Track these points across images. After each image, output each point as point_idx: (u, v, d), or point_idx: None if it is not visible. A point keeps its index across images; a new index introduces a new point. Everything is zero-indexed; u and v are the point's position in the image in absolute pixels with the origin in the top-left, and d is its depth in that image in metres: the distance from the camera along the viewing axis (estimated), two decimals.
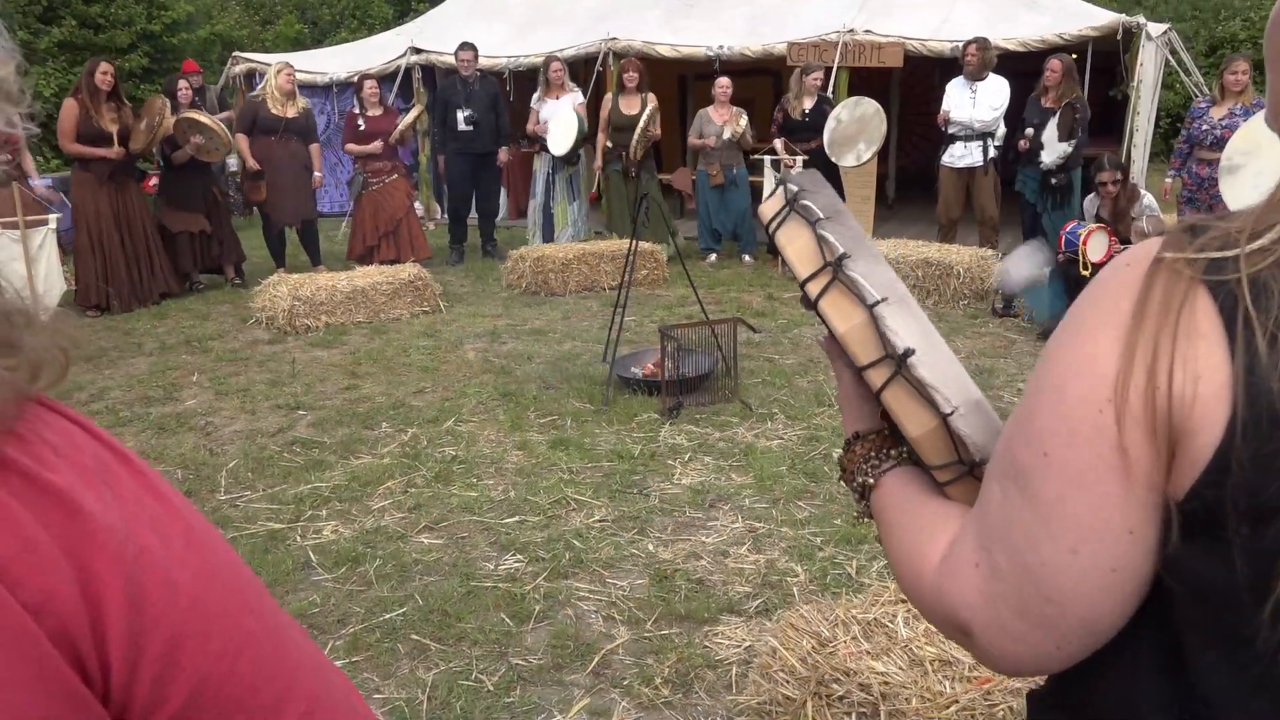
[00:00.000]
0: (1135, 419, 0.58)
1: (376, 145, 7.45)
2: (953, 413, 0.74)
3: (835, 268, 0.80)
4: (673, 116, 11.37)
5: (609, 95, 8.02)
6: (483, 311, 6.45)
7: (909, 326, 0.78)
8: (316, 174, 7.42)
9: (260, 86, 7.51)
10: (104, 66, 6.44)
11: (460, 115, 7.92)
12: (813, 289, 0.81)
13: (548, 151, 8.04)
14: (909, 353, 0.76)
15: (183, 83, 7.06)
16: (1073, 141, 6.51)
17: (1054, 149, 6.59)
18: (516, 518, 3.39)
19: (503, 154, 8.15)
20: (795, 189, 0.87)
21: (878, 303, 0.78)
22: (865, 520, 0.85)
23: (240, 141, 7.24)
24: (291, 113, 7.19)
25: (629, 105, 7.73)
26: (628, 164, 7.66)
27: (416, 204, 10.69)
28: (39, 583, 0.45)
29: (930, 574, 0.69)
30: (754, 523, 3.31)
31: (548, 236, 8.27)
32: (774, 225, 0.87)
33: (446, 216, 8.82)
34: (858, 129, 7.24)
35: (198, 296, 7.01)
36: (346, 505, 3.52)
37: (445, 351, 5.49)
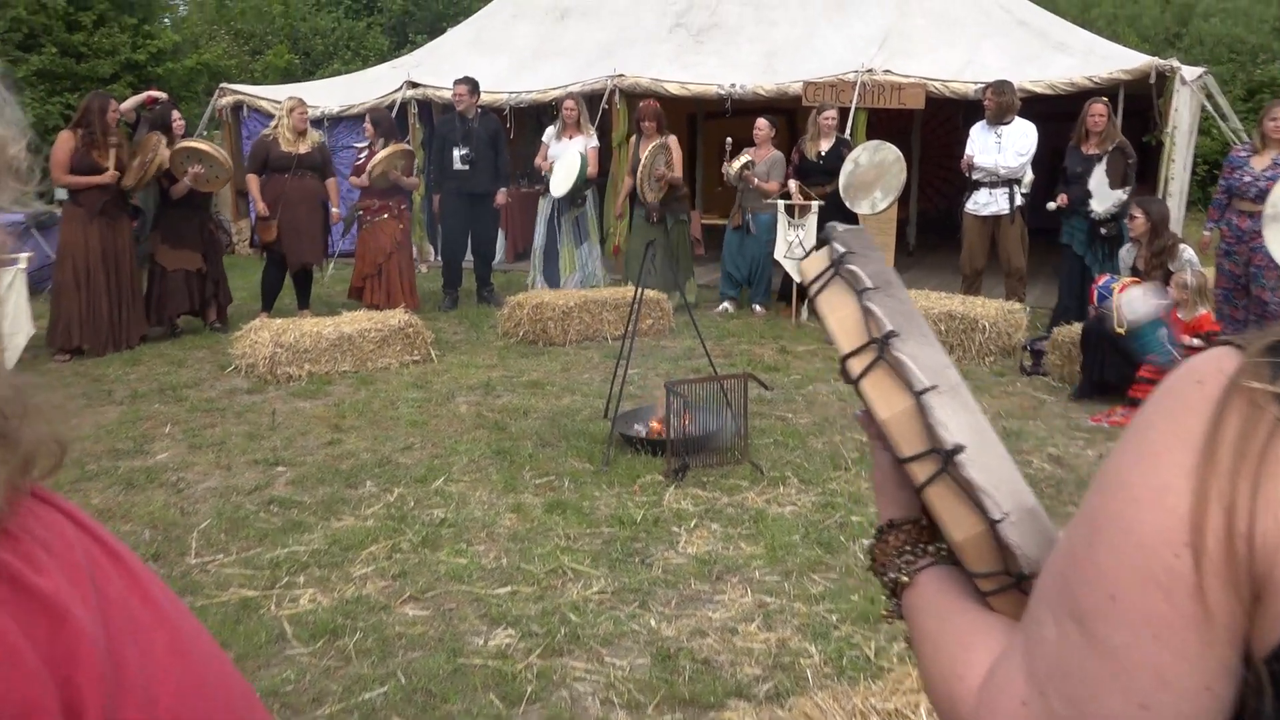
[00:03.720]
0: (1214, 566, 0.56)
1: (361, 179, 7.59)
2: (1002, 520, 0.71)
3: (881, 346, 0.78)
4: (685, 155, 11.57)
5: (631, 140, 8.20)
6: (477, 361, 6.47)
7: (959, 419, 0.75)
8: (334, 209, 7.55)
9: (272, 125, 7.66)
10: (114, 104, 6.60)
11: (456, 153, 8.04)
12: (854, 366, 0.79)
13: (548, 191, 8.17)
14: (958, 449, 0.73)
15: (176, 113, 7.17)
16: (1127, 189, 6.52)
17: (1106, 197, 6.62)
18: (509, 588, 3.36)
19: (500, 196, 8.24)
20: (841, 249, 0.85)
21: (926, 390, 0.75)
22: (895, 619, 0.82)
23: (251, 183, 7.37)
24: (304, 149, 7.33)
25: (646, 150, 7.86)
26: (649, 208, 7.77)
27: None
28: (20, 694, 0.46)
29: (967, 699, 0.66)
30: (764, 597, 3.28)
31: (552, 281, 8.34)
32: (816, 288, 0.85)
33: (440, 259, 8.92)
34: (876, 175, 7.33)
35: (174, 341, 7.05)
36: (326, 571, 3.50)
37: (436, 404, 5.50)
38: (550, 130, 8.39)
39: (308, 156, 7.33)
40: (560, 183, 7.97)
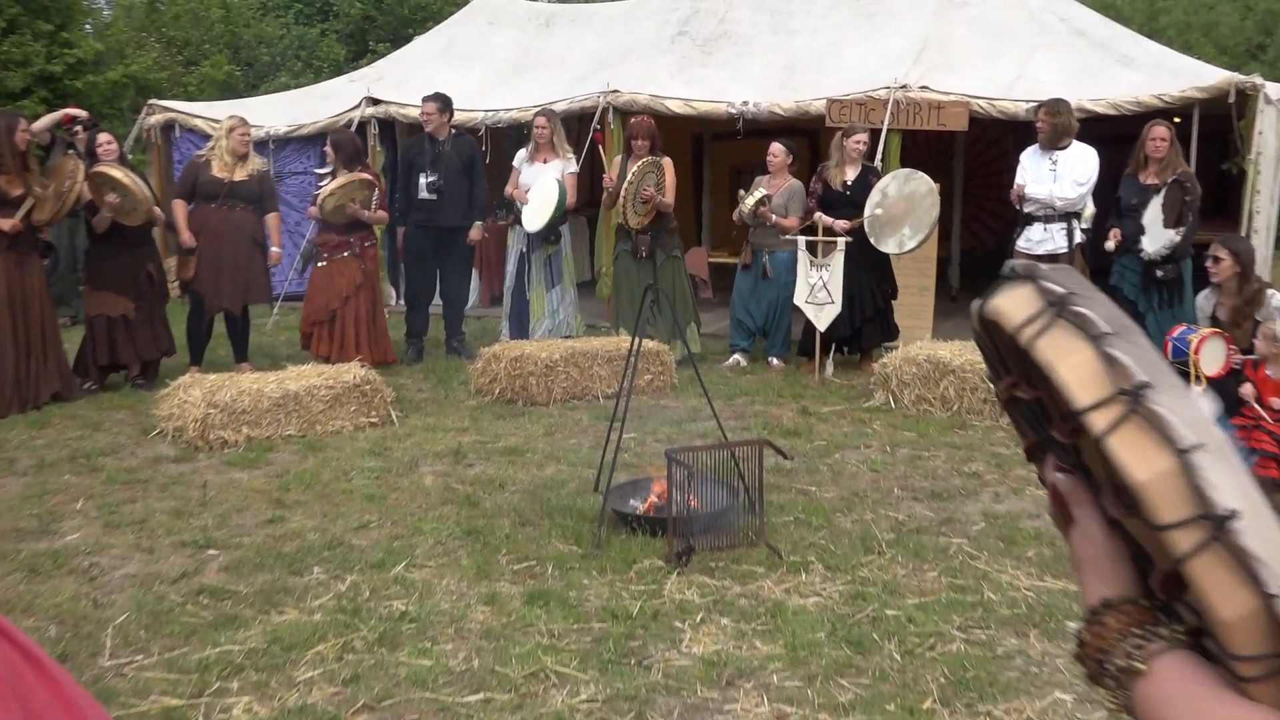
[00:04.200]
0: None
1: (313, 210, 7.70)
2: None
3: (1133, 398, 0.79)
4: (685, 185, 11.67)
5: (617, 159, 8.29)
6: (445, 424, 6.51)
7: (1231, 481, 0.76)
8: (274, 249, 7.65)
9: (209, 145, 7.78)
10: (24, 124, 6.69)
11: (423, 180, 8.19)
12: (1098, 421, 0.80)
13: (520, 225, 8.29)
14: (1232, 515, 0.74)
15: (104, 136, 7.27)
16: (1180, 229, 6.65)
17: (1158, 236, 6.74)
18: (480, 695, 3.36)
19: (475, 231, 8.37)
20: (1061, 290, 0.86)
21: (1193, 448, 0.76)
22: (1123, 716, 0.82)
23: (177, 210, 7.48)
24: (240, 175, 7.44)
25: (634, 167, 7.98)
26: (636, 243, 7.87)
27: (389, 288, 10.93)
28: None
29: None
30: (784, 706, 3.28)
31: (517, 329, 8.45)
32: (1032, 333, 0.85)
33: (403, 303, 9.00)
34: (905, 209, 7.47)
35: (89, 400, 7.08)
36: (264, 675, 3.50)
37: (396, 475, 5.52)
38: (521, 154, 8.56)
39: (242, 185, 7.43)
40: (535, 215, 8.08)
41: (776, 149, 8.05)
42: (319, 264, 7.76)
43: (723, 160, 12.22)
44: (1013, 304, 0.87)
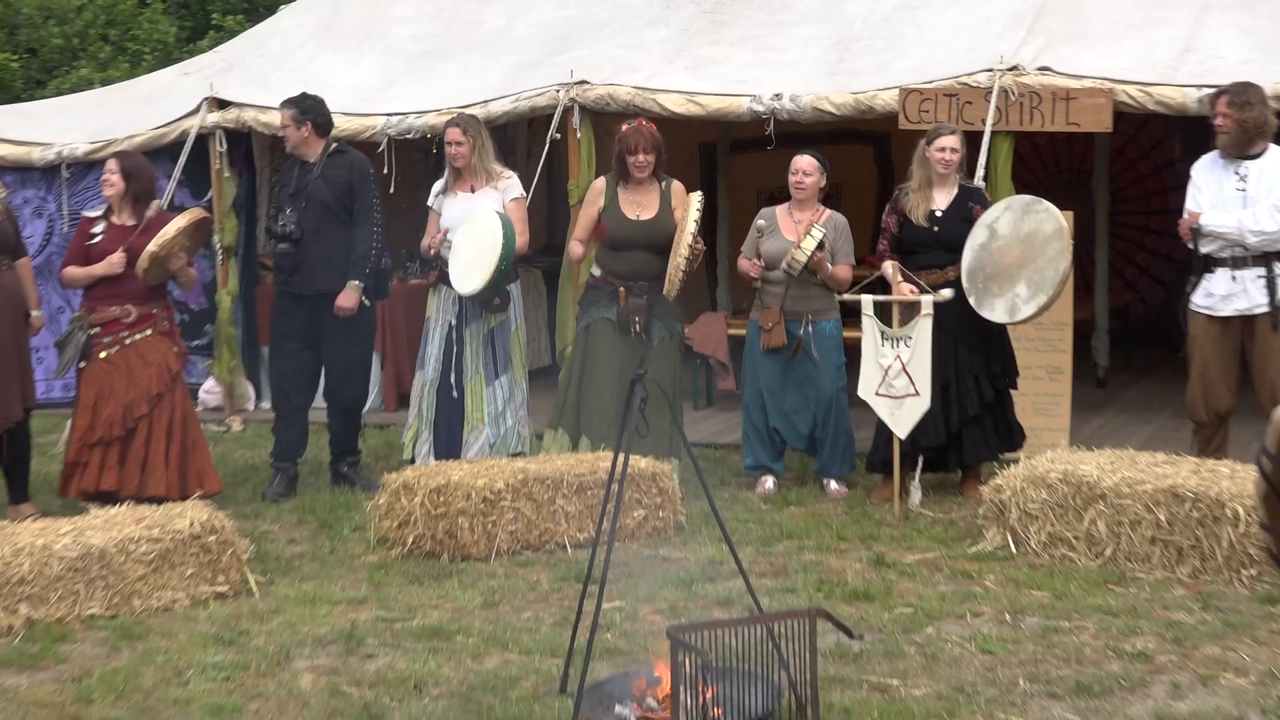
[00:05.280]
0: None
1: (111, 263, 7.59)
2: None
3: None
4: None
5: (601, 182, 8.38)
6: (330, 593, 6.48)
7: None
8: (34, 313, 7.72)
9: None
10: None
11: (279, 222, 8.37)
12: None
13: (448, 285, 8.33)
14: None
15: None
16: None
17: None
18: None
19: (343, 297, 8.30)
20: None
21: None
22: None
23: None
24: None
25: (638, 205, 8.12)
26: (627, 310, 7.96)
27: (208, 382, 10.92)
28: None
29: None
30: None
31: (445, 443, 8.43)
32: None
33: (267, 405, 8.98)
34: (1022, 255, 7.53)
35: None
36: None
37: (257, 675, 5.47)
38: (436, 185, 8.67)
39: None
40: (469, 269, 8.08)
41: (806, 164, 8.19)
42: (100, 355, 7.73)
43: (745, 181, 12.37)
44: None
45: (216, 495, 7.89)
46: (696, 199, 7.92)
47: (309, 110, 8.40)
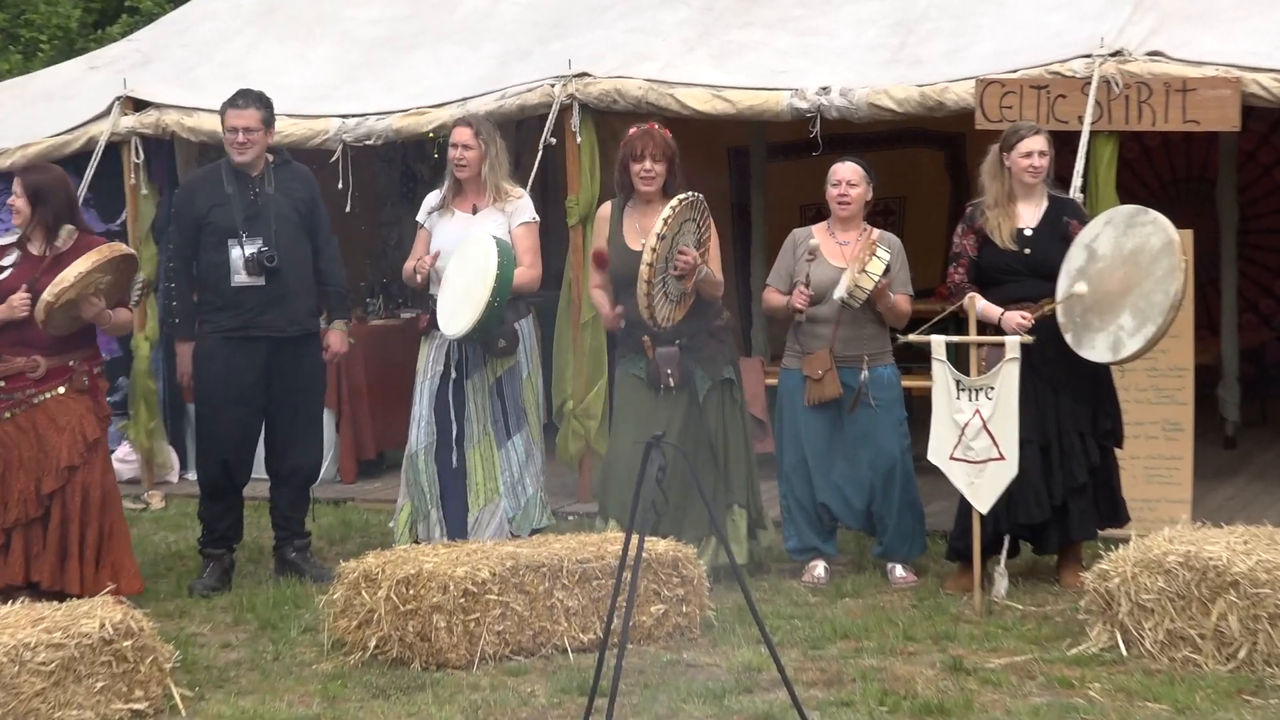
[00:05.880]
0: None
1: (11, 306, 7.57)
2: None
3: None
4: (722, 236, 11.70)
5: (605, 209, 8.39)
6: (274, 710, 6.46)
7: None
8: None
9: None
10: None
11: (238, 253, 8.23)
12: None
13: (437, 329, 8.33)
14: None
15: None
16: None
17: None
18: None
19: (336, 339, 8.52)
20: None
21: None
22: None
23: None
24: None
25: (648, 230, 7.89)
26: (657, 362, 7.93)
27: (122, 448, 10.89)
28: None
29: None
30: None
31: (456, 523, 8.40)
32: None
33: (195, 477, 8.95)
34: (1126, 279, 7.51)
35: None
36: None
37: None
38: (431, 198, 8.66)
39: None
40: (460, 306, 8.08)
41: (849, 172, 8.17)
42: (4, 416, 7.68)
43: (785, 195, 12.39)
44: None
45: (138, 595, 7.83)
46: (673, 200, 7.72)
47: (271, 110, 8.53)
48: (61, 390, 7.73)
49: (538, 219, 8.60)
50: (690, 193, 7.82)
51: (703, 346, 8.03)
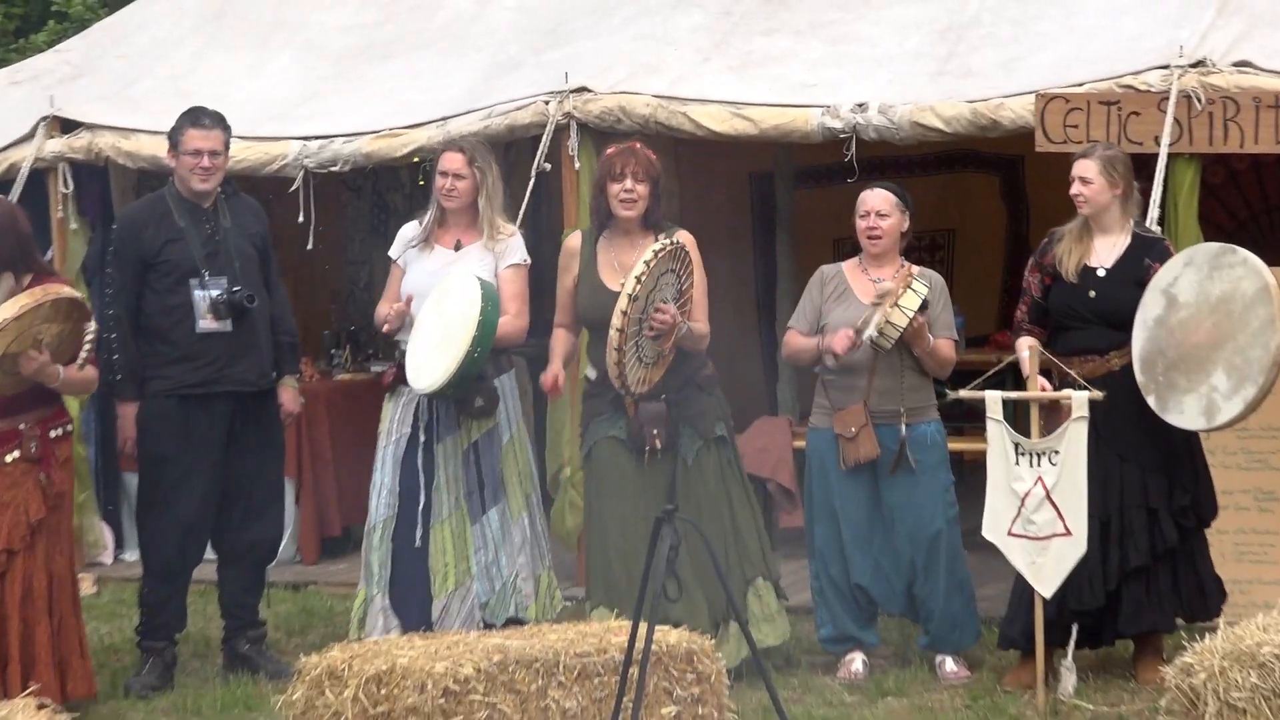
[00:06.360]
0: None
1: None
2: None
3: None
4: (740, 278, 11.79)
5: (575, 240, 8.42)
6: None
7: None
8: None
9: None
10: None
11: (202, 296, 8.26)
12: None
13: (405, 384, 8.34)
14: None
15: None
16: None
17: None
18: None
19: (289, 398, 8.60)
20: None
21: None
22: None
23: None
24: None
25: (626, 267, 7.90)
26: (639, 421, 7.93)
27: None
28: None
29: None
30: None
31: (411, 609, 8.38)
32: None
33: (131, 557, 9.00)
34: (1215, 331, 7.47)
35: None
36: None
37: None
38: (408, 230, 8.70)
39: None
40: (434, 357, 8.04)
41: (879, 201, 8.11)
42: None
43: (815, 227, 12.40)
44: None
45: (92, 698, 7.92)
46: (646, 253, 7.67)
47: (230, 133, 8.58)
48: (9, 459, 7.63)
49: (529, 261, 8.60)
50: (669, 240, 7.76)
51: (690, 401, 8.03)
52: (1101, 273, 7.91)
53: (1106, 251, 7.95)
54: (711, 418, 8.15)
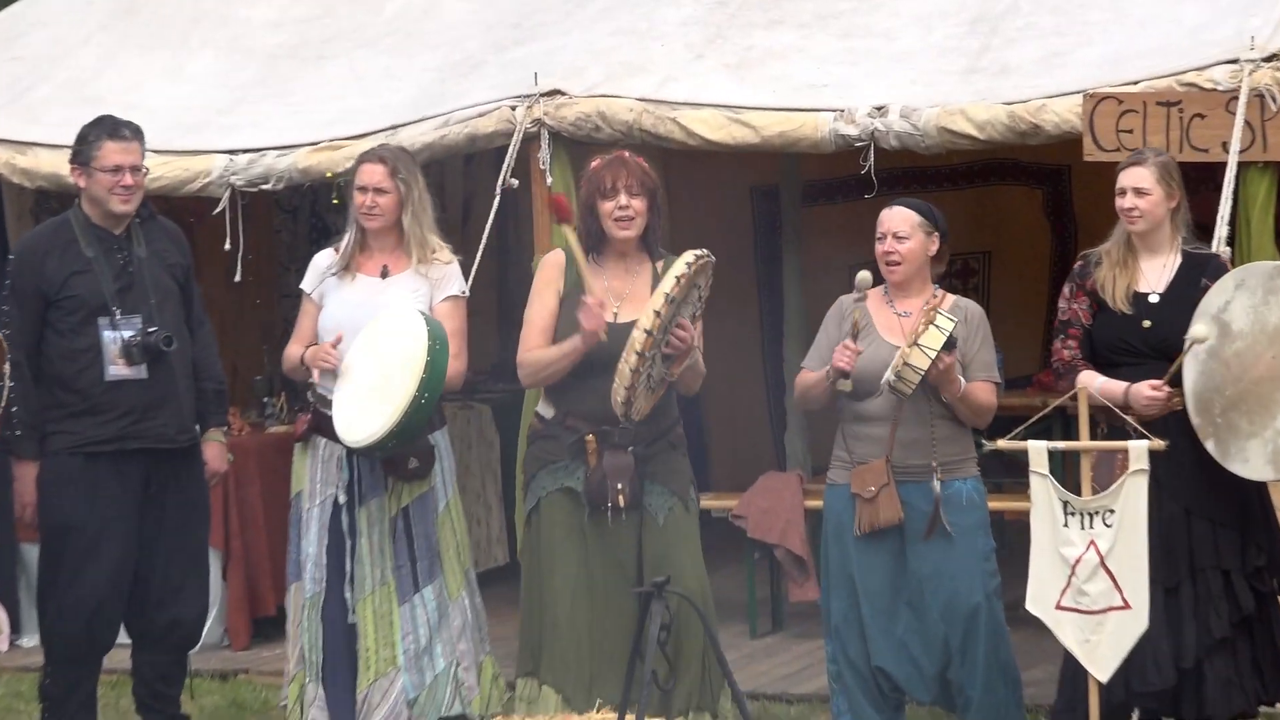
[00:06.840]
0: None
1: None
2: None
3: None
4: (742, 309, 11.82)
5: (557, 258, 8.37)
6: None
7: None
8: None
9: None
10: None
11: (115, 335, 8.20)
12: None
13: (328, 436, 8.41)
14: None
15: None
16: None
17: None
18: None
19: (214, 455, 8.59)
20: None
21: None
22: None
23: None
24: None
25: (615, 294, 8.02)
26: (602, 476, 7.84)
27: None
28: None
29: None
30: None
31: (338, 698, 8.41)
32: None
33: (30, 643, 9.03)
34: (1276, 364, 7.49)
35: None
36: None
37: None
38: (321, 259, 8.77)
39: None
40: (365, 404, 8.10)
41: (898, 220, 7.86)
42: None
43: (827, 247, 12.39)
44: None
45: None
46: (688, 256, 7.67)
47: (139, 140, 8.45)
48: None
49: (467, 293, 8.64)
50: (701, 251, 7.70)
51: (662, 456, 8.03)
52: (1154, 299, 7.84)
53: (1156, 274, 7.91)
54: (685, 480, 8.16)
